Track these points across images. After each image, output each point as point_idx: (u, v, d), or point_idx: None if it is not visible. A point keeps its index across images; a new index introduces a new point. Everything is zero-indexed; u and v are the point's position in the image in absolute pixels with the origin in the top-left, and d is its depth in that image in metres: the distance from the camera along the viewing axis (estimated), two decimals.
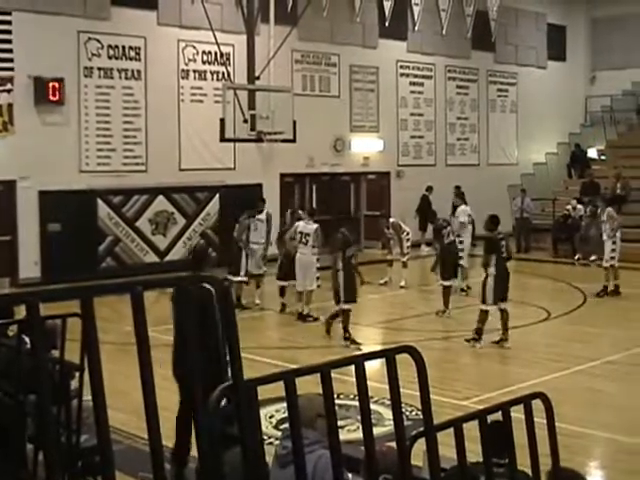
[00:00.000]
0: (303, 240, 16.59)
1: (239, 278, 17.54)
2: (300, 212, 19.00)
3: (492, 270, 14.10)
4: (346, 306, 14.50)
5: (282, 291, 17.46)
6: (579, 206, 26.54)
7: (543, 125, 32.95)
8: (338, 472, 2.56)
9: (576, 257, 25.14)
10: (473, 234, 21.00)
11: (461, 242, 19.69)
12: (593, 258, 23.91)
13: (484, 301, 14.17)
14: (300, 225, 16.93)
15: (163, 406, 8.07)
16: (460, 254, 19.31)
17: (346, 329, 14.47)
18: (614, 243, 19.06)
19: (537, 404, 3.25)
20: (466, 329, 15.60)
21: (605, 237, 19.26)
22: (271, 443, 8.99)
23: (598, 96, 33.88)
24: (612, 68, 33.61)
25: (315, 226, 16.72)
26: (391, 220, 20.99)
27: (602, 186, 27.86)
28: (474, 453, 3.11)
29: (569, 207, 26.76)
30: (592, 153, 33.11)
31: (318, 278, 17.07)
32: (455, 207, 20.98)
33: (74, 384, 5.52)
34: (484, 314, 14.17)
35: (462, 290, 19.17)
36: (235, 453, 2.39)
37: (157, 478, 2.14)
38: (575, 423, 9.56)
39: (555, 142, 33.96)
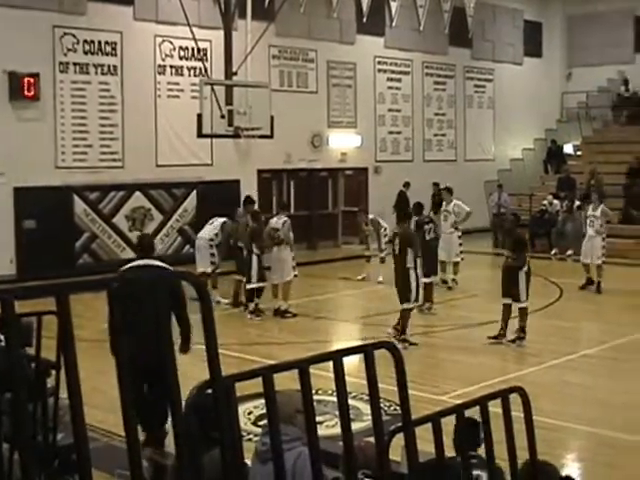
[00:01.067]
0: (275, 235, 16.57)
1: (253, 285, 16.63)
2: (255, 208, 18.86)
3: (525, 268, 14.04)
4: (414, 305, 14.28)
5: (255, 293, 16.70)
6: (555, 201, 26.68)
7: (520, 121, 33.11)
8: (317, 468, 2.55)
9: (553, 252, 25.25)
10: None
11: (460, 236, 19.69)
12: (569, 253, 24.07)
13: (519, 299, 14.01)
14: (273, 221, 16.95)
15: None
16: (460, 249, 19.41)
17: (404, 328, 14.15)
18: (603, 240, 19.02)
19: (515, 398, 3.26)
20: (446, 324, 15.66)
21: (593, 233, 19.05)
22: (250, 440, 8.99)
23: (574, 92, 34.07)
24: (588, 65, 33.80)
25: (282, 220, 16.70)
26: (370, 216, 21.02)
27: (578, 181, 28.03)
28: (452, 447, 3.12)
29: (545, 202, 26.88)
30: (568, 149, 33.32)
31: (294, 268, 16.98)
32: (440, 204, 20.80)
33: (50, 382, 5.49)
34: (523, 312, 14.05)
35: (444, 282, 19.24)
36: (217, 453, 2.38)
37: (134, 475, 2.13)
38: (553, 416, 9.61)
39: (532, 138, 34.14)
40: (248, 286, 16.55)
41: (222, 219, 17.90)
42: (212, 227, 17.94)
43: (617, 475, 8.53)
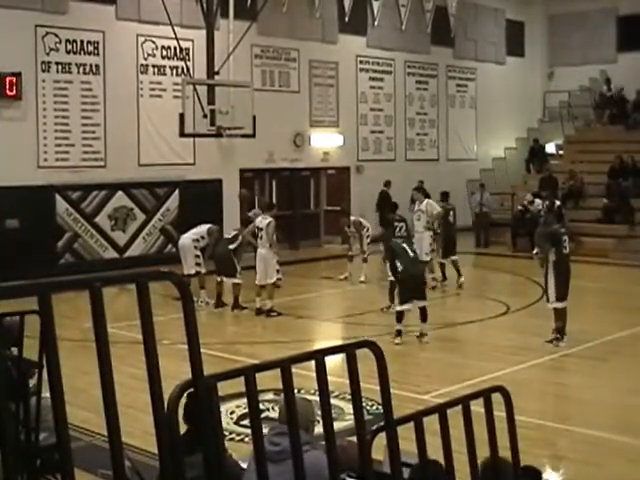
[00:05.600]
0: (259, 235, 16.58)
1: (237, 280, 17.11)
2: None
3: (551, 266, 13.87)
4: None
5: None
6: (537, 200, 26.72)
7: (502, 120, 33.18)
8: (298, 453, 2.56)
9: (534, 252, 25.26)
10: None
11: (431, 236, 19.47)
12: None
13: (548, 300, 13.99)
14: (257, 220, 16.94)
15: (129, 404, 8.02)
16: (429, 248, 19.24)
17: None
18: None
19: (497, 397, 3.28)
20: (427, 323, 15.65)
21: None
22: (232, 439, 8.99)
23: (556, 92, 34.18)
24: (570, 64, 33.91)
25: (267, 221, 16.67)
26: (352, 218, 21.02)
27: (560, 181, 28.15)
28: (435, 447, 3.13)
29: (525, 202, 26.92)
30: (550, 148, 33.41)
31: (278, 271, 16.99)
32: (414, 201, 20.82)
33: (32, 382, 5.48)
34: (556, 312, 13.90)
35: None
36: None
37: (117, 475, 2.13)
38: (534, 415, 9.65)
39: (514, 137, 34.23)
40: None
41: (208, 225, 17.91)
42: (198, 230, 17.90)
43: (597, 474, 8.57)
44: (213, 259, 17.54)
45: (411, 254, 14.32)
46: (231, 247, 17.13)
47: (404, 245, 14.28)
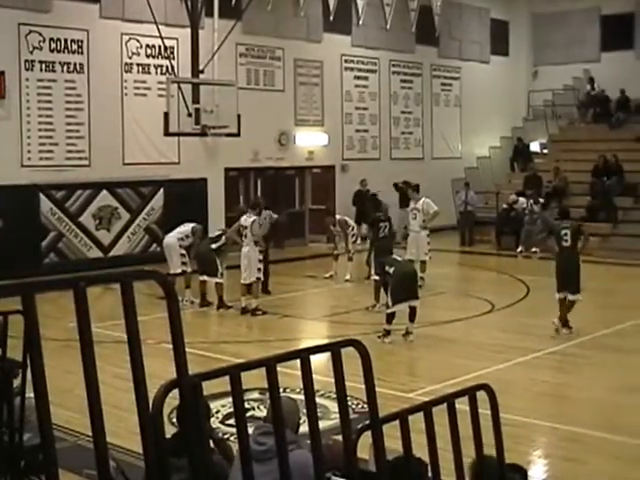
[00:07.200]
0: (244, 233, 16.57)
1: (218, 279, 17.09)
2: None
3: (555, 260, 14.32)
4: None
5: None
6: (521, 199, 26.83)
7: (486, 119, 33.25)
8: (283, 452, 2.56)
9: (518, 250, 25.36)
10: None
11: (428, 235, 19.40)
12: (534, 250, 24.17)
13: None
14: (242, 219, 16.91)
15: (114, 404, 8.00)
16: (428, 247, 19.18)
17: None
18: None
19: (482, 395, 3.28)
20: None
21: None
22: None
23: (540, 91, 34.28)
24: (554, 63, 34.04)
25: (252, 219, 16.66)
26: (337, 217, 21.05)
27: (544, 179, 28.26)
28: (420, 445, 3.14)
29: (510, 201, 27.03)
30: (534, 147, 33.55)
31: (259, 269, 16.99)
32: (407, 200, 20.69)
33: (16, 382, 5.46)
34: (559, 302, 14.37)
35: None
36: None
37: (101, 475, 2.12)
38: (519, 413, 9.67)
39: (498, 136, 34.30)
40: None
41: (192, 224, 17.89)
42: (183, 229, 17.87)
43: (582, 470, 8.61)
44: (196, 258, 17.56)
45: (399, 258, 14.75)
46: (213, 246, 17.15)
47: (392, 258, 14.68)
